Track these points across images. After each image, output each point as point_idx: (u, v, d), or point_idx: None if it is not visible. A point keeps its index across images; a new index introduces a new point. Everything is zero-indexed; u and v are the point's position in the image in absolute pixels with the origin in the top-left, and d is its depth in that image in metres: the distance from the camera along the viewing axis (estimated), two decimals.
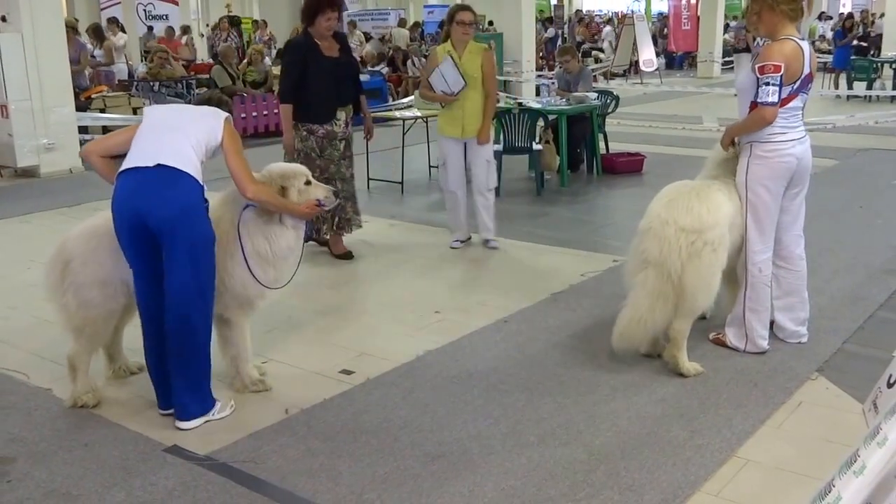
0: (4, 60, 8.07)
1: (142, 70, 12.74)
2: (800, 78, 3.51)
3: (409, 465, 2.87)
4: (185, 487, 2.75)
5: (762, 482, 2.77)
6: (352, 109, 5.34)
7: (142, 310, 3.15)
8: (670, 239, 3.47)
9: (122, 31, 14.24)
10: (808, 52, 3.54)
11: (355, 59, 5.32)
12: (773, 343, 3.80)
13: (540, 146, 7.47)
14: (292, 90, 5.10)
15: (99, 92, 10.34)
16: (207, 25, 19.68)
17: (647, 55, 18.21)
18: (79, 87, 9.91)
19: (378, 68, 14.83)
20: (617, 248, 5.37)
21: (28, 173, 8.48)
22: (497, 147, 7.42)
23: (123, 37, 13.62)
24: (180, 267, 2.98)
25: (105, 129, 9.61)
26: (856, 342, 3.91)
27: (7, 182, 8.38)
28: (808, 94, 3.64)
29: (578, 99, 7.95)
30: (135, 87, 11.42)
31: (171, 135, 3.08)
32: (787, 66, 3.43)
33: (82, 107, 9.46)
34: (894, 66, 14.81)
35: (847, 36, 15.70)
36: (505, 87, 12.95)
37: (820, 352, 3.77)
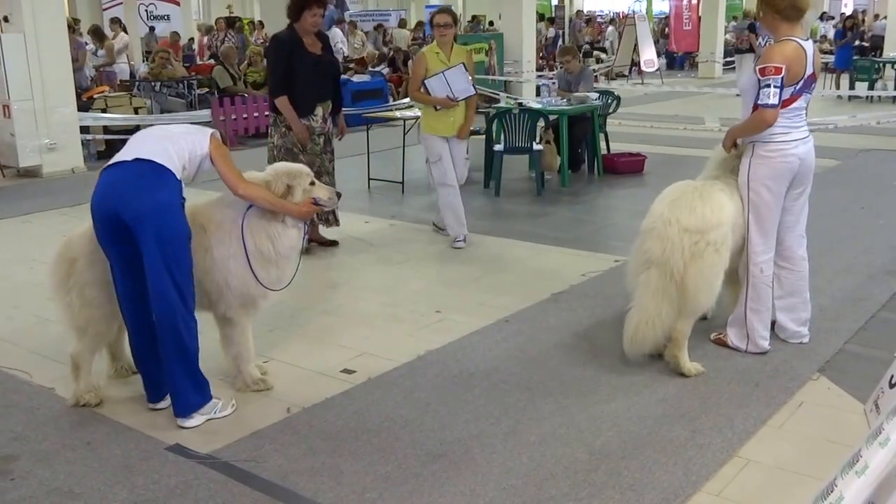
0: (7, 60, 8.09)
1: (143, 70, 12.74)
2: (802, 78, 3.50)
3: (410, 465, 2.87)
4: (187, 486, 2.76)
5: (763, 482, 2.77)
6: (329, 106, 5.41)
7: (123, 304, 3.16)
8: (673, 239, 3.47)
9: (125, 31, 14.24)
10: (811, 53, 3.52)
11: (336, 58, 5.38)
12: (774, 343, 3.80)
13: (540, 146, 7.47)
14: (283, 83, 5.19)
15: (100, 92, 10.34)
16: (212, 27, 19.69)
17: (649, 55, 18.21)
18: (79, 86, 9.92)
19: (379, 68, 14.84)
20: (618, 248, 5.37)
21: (30, 173, 8.50)
22: (498, 147, 7.45)
23: (125, 37, 13.63)
24: (156, 263, 3.00)
25: (106, 129, 9.65)
26: (857, 343, 3.91)
27: (9, 182, 8.39)
28: (811, 94, 3.64)
29: (579, 99, 7.94)
30: (136, 87, 11.43)
31: (156, 138, 3.21)
32: (788, 68, 3.42)
33: (84, 107, 9.46)
34: None
35: (847, 36, 15.69)
36: (506, 87, 12.96)
37: (821, 352, 3.77)
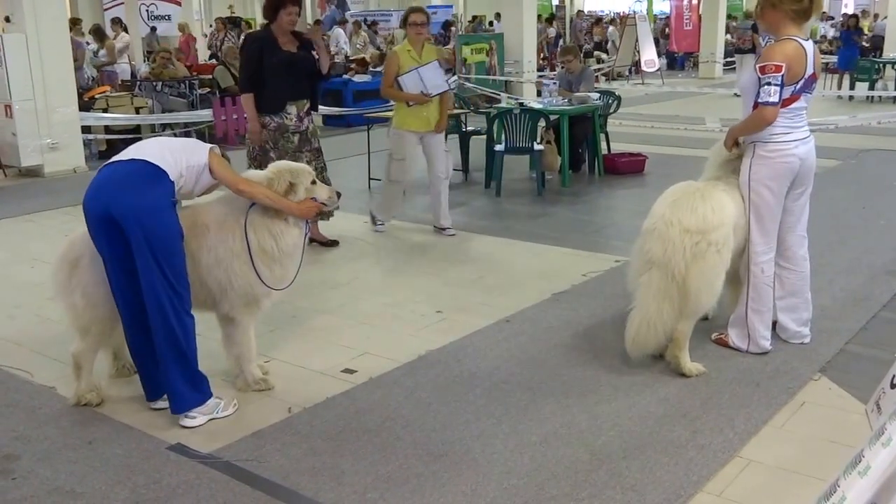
0: (8, 60, 8.09)
1: (144, 70, 12.74)
2: (803, 78, 3.50)
3: (411, 465, 2.87)
4: (189, 486, 2.76)
5: (764, 482, 2.77)
6: (306, 104, 5.39)
7: (118, 302, 3.16)
8: (675, 240, 3.46)
9: (125, 31, 14.25)
10: (812, 53, 3.52)
11: (313, 56, 5.36)
12: (775, 343, 3.80)
13: (541, 146, 7.47)
14: (250, 81, 5.27)
15: (102, 92, 10.35)
16: (211, 26, 19.70)
17: (649, 55, 18.21)
18: (78, 86, 9.91)
19: (380, 69, 14.82)
20: (619, 249, 5.37)
21: (32, 173, 8.50)
22: (499, 147, 7.45)
23: (125, 37, 13.64)
24: (147, 261, 3.00)
25: (108, 129, 9.66)
26: (859, 343, 3.91)
27: (11, 181, 8.40)
28: (811, 95, 3.64)
29: (580, 99, 7.94)
30: (138, 87, 11.44)
31: (155, 145, 3.26)
32: (788, 67, 3.42)
33: (85, 107, 9.46)
34: None
35: (852, 37, 15.64)
36: (506, 87, 12.95)
37: (823, 352, 3.77)
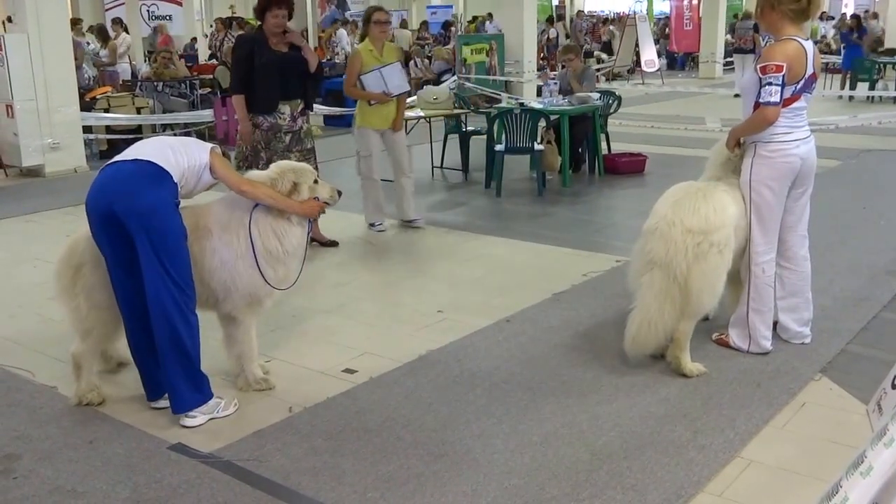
0: (10, 60, 8.10)
1: (146, 70, 12.75)
2: (803, 78, 3.51)
3: (412, 464, 2.87)
4: (190, 485, 2.76)
5: (765, 483, 2.77)
6: (300, 104, 5.42)
7: (121, 303, 3.16)
8: (676, 240, 3.46)
9: (126, 31, 14.25)
10: (812, 53, 3.53)
11: (304, 56, 5.38)
12: (776, 344, 3.80)
13: (541, 146, 7.47)
14: (240, 82, 5.33)
15: (103, 93, 10.36)
16: (211, 26, 19.71)
17: (649, 55, 18.20)
18: (79, 86, 9.90)
19: None
20: (619, 249, 5.37)
21: (33, 173, 8.51)
22: (499, 147, 7.46)
23: (126, 37, 13.64)
24: (151, 261, 3.01)
25: (109, 129, 9.66)
26: (859, 343, 3.90)
27: (12, 181, 8.41)
28: (811, 94, 3.64)
29: (581, 99, 7.95)
30: (139, 87, 11.44)
31: (157, 144, 3.26)
32: (789, 67, 3.43)
33: (86, 107, 9.47)
34: None
35: (853, 36, 15.63)
36: (506, 87, 12.95)
37: (823, 353, 3.77)
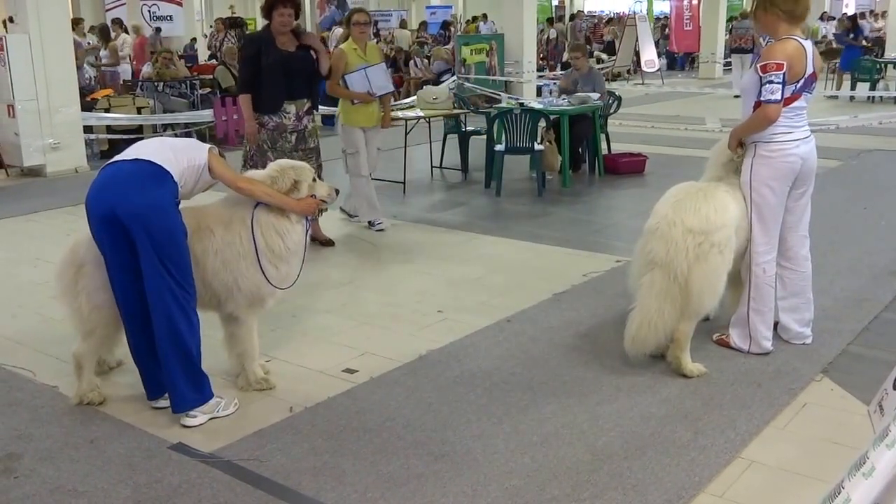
0: (11, 61, 8.10)
1: (146, 70, 12.76)
2: (803, 77, 3.51)
3: (412, 465, 2.87)
4: (190, 485, 2.76)
5: (766, 483, 2.77)
6: (306, 104, 5.42)
7: (121, 303, 3.16)
8: (677, 240, 3.46)
9: (126, 32, 14.25)
10: (811, 52, 3.53)
11: (312, 56, 5.37)
12: (777, 344, 3.80)
13: (541, 147, 7.47)
14: (248, 81, 5.35)
15: (105, 95, 10.36)
16: (211, 27, 19.72)
17: (649, 56, 18.20)
18: (80, 86, 9.90)
19: None
20: (619, 249, 5.37)
21: (34, 172, 8.51)
22: (499, 147, 7.46)
23: (126, 38, 13.64)
24: (152, 261, 3.01)
25: (109, 129, 9.66)
26: (860, 343, 3.90)
27: (13, 181, 8.41)
28: (811, 94, 3.64)
29: (580, 99, 7.95)
30: (139, 88, 11.45)
31: (157, 145, 3.27)
32: (789, 66, 3.43)
33: (87, 107, 9.47)
34: None
35: (848, 37, 15.62)
36: (506, 87, 12.95)
37: (824, 353, 3.76)
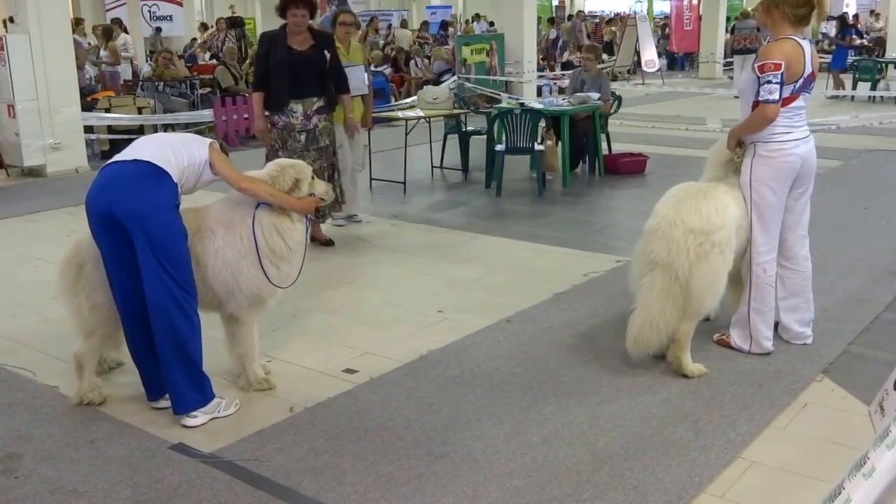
0: (12, 60, 8.11)
1: (147, 70, 12.77)
2: (801, 77, 3.51)
3: (412, 465, 2.87)
4: (191, 485, 2.76)
5: (767, 484, 2.77)
6: (314, 103, 5.38)
7: (120, 304, 3.16)
8: (678, 240, 3.46)
9: (125, 31, 14.25)
10: (810, 52, 3.53)
11: (325, 55, 5.34)
12: (777, 344, 3.79)
13: (542, 147, 7.47)
14: (260, 79, 5.41)
15: (107, 96, 10.37)
16: (212, 27, 19.72)
17: (650, 56, 18.19)
18: (81, 86, 9.90)
19: (381, 69, 14.85)
20: (620, 249, 5.37)
21: (34, 172, 8.52)
22: (499, 147, 7.45)
23: (125, 37, 13.64)
24: (150, 263, 3.01)
25: (110, 129, 9.66)
26: (861, 344, 3.90)
27: (14, 181, 8.42)
28: (810, 94, 3.64)
29: (581, 99, 7.95)
30: (140, 88, 11.45)
31: (156, 143, 3.26)
32: (787, 66, 3.43)
33: (88, 107, 9.47)
34: None
35: (842, 37, 15.61)
36: (506, 87, 12.95)
37: (825, 353, 3.76)
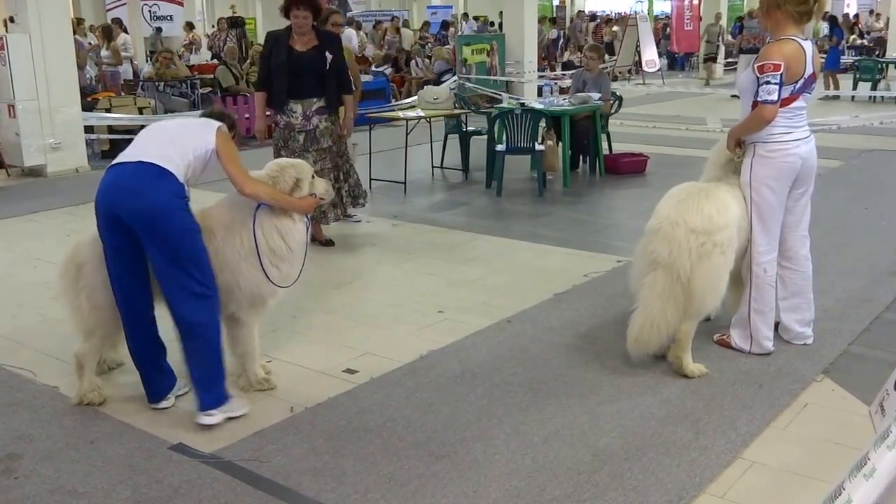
0: (12, 60, 8.11)
1: (147, 70, 12.77)
2: (802, 78, 3.50)
3: (413, 465, 2.87)
4: (191, 485, 2.76)
5: (768, 484, 2.77)
6: (314, 104, 5.38)
7: (121, 306, 3.16)
8: (680, 240, 3.45)
9: (125, 31, 14.25)
10: (811, 52, 3.52)
11: (326, 56, 5.32)
12: (778, 344, 3.79)
13: (542, 147, 7.46)
14: (263, 79, 5.50)
15: (107, 96, 10.37)
16: (213, 27, 19.75)
17: (650, 56, 18.20)
18: (82, 86, 9.90)
19: (381, 69, 14.86)
20: (620, 249, 5.37)
21: (35, 172, 8.52)
22: (500, 147, 7.45)
23: (125, 37, 13.65)
24: (163, 266, 3.00)
25: (110, 129, 9.66)
26: (861, 344, 3.90)
27: (14, 181, 8.42)
28: (810, 94, 3.63)
29: (581, 99, 7.94)
30: (140, 87, 11.46)
31: (159, 139, 3.21)
32: (787, 66, 3.42)
33: (88, 106, 9.48)
34: None
35: (830, 37, 15.58)
36: (507, 87, 12.95)
37: (825, 353, 3.76)
